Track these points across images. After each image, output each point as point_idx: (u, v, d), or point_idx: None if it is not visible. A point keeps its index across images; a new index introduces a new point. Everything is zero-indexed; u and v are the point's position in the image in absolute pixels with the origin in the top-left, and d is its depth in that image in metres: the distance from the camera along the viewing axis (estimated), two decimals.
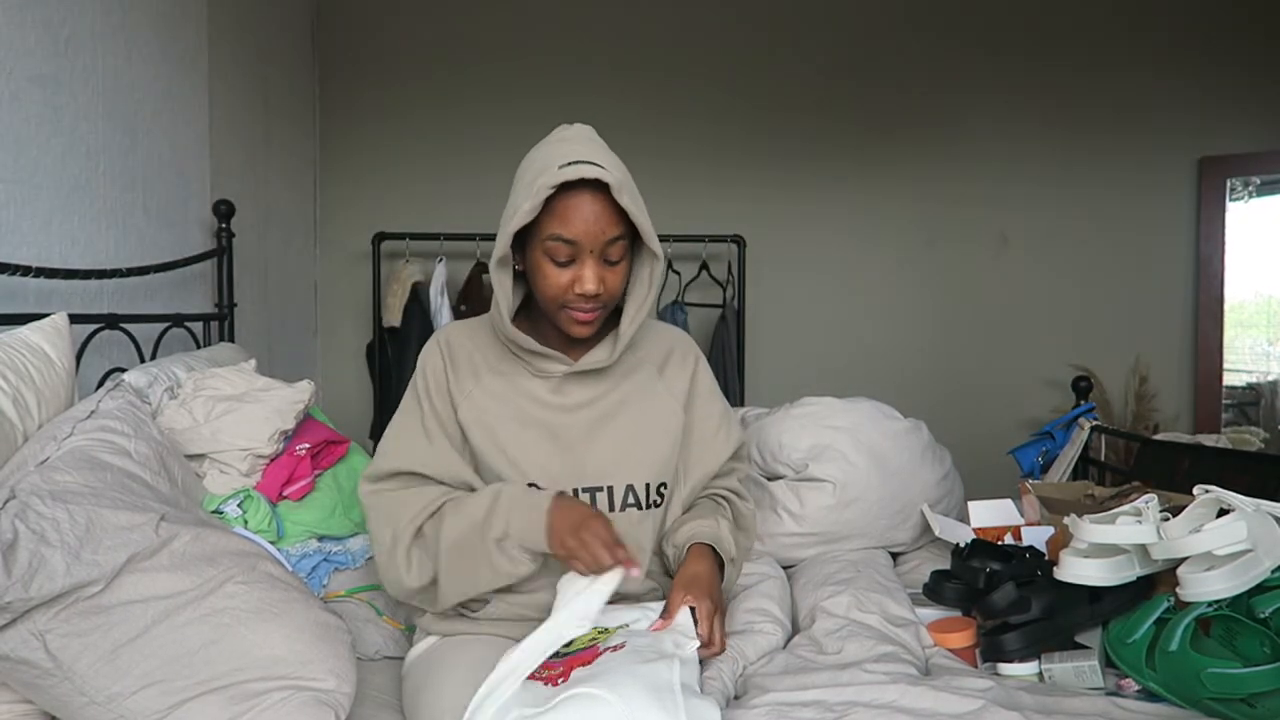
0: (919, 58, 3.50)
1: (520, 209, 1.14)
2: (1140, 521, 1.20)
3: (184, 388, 1.61)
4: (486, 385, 1.27)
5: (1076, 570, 1.23)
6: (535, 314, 1.31)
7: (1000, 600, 1.27)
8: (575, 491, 1.24)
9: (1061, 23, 3.49)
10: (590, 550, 1.08)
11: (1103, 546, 1.24)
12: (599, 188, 1.15)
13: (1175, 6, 3.47)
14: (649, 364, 1.34)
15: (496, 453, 1.24)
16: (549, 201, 1.15)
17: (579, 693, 0.95)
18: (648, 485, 1.28)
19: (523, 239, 1.22)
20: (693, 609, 1.17)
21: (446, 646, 1.21)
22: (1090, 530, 1.23)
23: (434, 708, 1.08)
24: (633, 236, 1.22)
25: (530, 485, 1.23)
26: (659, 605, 1.23)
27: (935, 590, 1.41)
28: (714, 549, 1.29)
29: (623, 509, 1.26)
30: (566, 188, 1.14)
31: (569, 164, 1.13)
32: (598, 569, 1.08)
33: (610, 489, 1.26)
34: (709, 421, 1.38)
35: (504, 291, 1.22)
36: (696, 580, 1.22)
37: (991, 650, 1.26)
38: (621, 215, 1.17)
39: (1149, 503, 1.23)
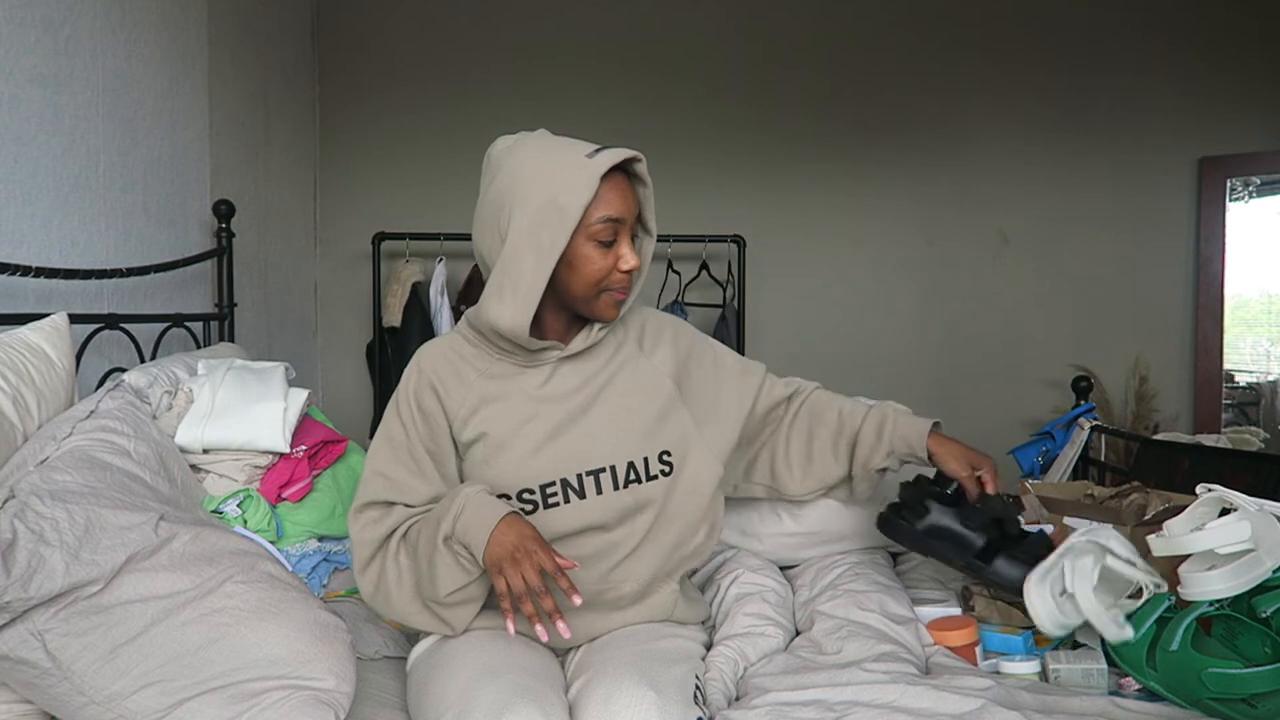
0: (919, 58, 3.50)
1: (569, 204, 1.16)
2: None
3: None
4: (481, 392, 1.27)
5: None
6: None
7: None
8: (579, 477, 1.25)
9: (1061, 24, 3.48)
10: (522, 571, 1.08)
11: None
12: (618, 170, 1.22)
13: (1175, 7, 3.47)
14: (630, 341, 1.37)
15: (499, 458, 1.24)
16: None
17: None
18: (646, 458, 1.29)
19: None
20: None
21: (452, 643, 1.21)
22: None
23: (439, 704, 1.07)
24: None
25: (523, 492, 1.24)
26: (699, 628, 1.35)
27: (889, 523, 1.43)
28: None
29: (625, 486, 1.27)
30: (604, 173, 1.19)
31: (596, 151, 1.19)
32: (522, 592, 1.08)
33: (613, 468, 1.27)
34: (711, 368, 1.42)
35: (537, 289, 1.21)
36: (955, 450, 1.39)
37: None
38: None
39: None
